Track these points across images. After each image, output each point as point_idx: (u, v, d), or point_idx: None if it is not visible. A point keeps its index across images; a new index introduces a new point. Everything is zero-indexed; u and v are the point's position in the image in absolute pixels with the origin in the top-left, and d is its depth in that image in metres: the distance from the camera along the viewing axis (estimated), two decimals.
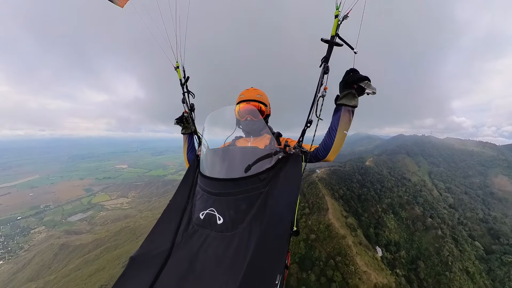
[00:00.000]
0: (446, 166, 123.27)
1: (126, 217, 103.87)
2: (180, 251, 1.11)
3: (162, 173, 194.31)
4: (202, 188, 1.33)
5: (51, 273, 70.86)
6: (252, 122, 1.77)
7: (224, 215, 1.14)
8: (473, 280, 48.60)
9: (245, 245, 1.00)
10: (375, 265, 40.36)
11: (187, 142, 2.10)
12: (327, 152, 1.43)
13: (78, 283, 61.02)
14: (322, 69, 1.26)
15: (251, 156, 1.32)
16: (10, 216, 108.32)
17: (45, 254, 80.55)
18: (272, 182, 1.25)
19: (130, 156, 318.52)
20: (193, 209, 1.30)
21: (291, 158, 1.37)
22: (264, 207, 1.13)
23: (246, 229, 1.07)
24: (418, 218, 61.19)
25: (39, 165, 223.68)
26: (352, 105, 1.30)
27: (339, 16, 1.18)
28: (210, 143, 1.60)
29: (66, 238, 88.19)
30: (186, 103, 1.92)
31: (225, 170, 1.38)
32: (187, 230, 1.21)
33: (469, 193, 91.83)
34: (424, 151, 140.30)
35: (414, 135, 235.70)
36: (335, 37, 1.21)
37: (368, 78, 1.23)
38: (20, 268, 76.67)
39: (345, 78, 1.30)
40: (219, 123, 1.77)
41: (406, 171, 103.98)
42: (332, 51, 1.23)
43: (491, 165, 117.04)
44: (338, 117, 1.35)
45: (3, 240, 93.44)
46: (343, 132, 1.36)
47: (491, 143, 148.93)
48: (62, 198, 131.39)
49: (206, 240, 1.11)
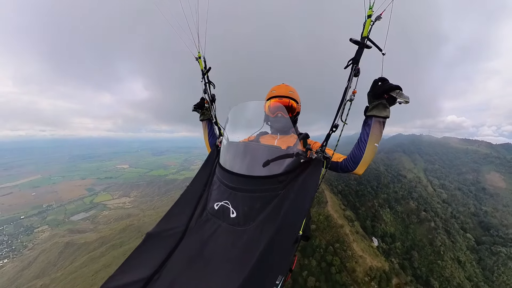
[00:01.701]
0: (441, 164, 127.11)
1: (129, 216, 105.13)
2: (192, 235, 1.17)
3: (163, 173, 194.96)
4: (220, 180, 1.38)
5: (57, 271, 71.76)
6: (283, 119, 1.75)
7: (237, 210, 1.18)
8: (464, 269, 51.73)
9: (255, 242, 1.03)
10: (370, 251, 43.24)
11: (206, 128, 2.13)
12: (356, 165, 1.37)
13: (85, 279, 62.00)
14: (352, 71, 1.19)
15: (273, 155, 1.32)
16: (13, 215, 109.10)
17: (50, 252, 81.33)
18: (290, 185, 1.25)
19: (131, 156, 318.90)
20: (209, 198, 1.36)
21: (312, 163, 1.35)
22: (278, 210, 1.14)
23: (257, 227, 1.10)
24: (413, 212, 64.29)
25: (40, 165, 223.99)
26: (384, 116, 1.24)
27: (372, 17, 1.09)
28: (231, 135, 1.63)
29: (71, 237, 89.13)
30: (207, 93, 1.95)
31: (244, 165, 1.39)
32: (201, 216, 1.27)
33: (462, 189, 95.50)
34: (421, 150, 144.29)
35: (412, 134, 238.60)
36: (366, 39, 1.13)
37: (400, 87, 1.15)
38: (26, 266, 77.39)
39: (374, 88, 1.23)
40: (244, 117, 1.76)
41: (402, 168, 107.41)
42: (362, 52, 1.16)
43: (484, 162, 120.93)
44: (369, 129, 1.29)
45: (7, 239, 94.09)
46: (373, 144, 1.30)
47: (486, 142, 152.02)
48: (64, 198, 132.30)
49: (217, 230, 1.15)
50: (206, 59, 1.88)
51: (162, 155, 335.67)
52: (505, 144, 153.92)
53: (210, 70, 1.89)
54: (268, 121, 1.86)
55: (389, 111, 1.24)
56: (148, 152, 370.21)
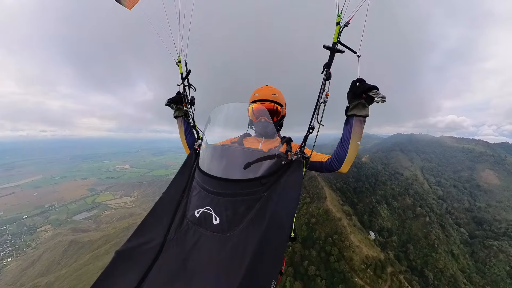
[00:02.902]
0: (437, 162, 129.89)
1: (131, 215, 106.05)
2: (172, 248, 1.06)
3: (164, 173, 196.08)
4: (200, 185, 1.30)
5: (61, 268, 72.38)
6: (266, 124, 1.69)
7: (221, 216, 1.11)
8: (458, 261, 54.09)
9: (242, 248, 0.97)
10: (366, 242, 45.57)
11: (182, 126, 1.98)
12: (340, 164, 1.41)
13: (90, 276, 62.83)
14: (324, 75, 1.26)
15: (253, 157, 1.29)
16: (16, 215, 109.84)
17: (54, 250, 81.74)
18: (273, 187, 1.22)
19: (131, 156, 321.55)
20: (188, 205, 1.27)
21: (292, 164, 1.35)
22: (263, 212, 1.11)
23: (242, 232, 1.04)
24: (409, 208, 66.61)
25: (41, 165, 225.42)
26: (363, 115, 1.29)
27: (341, 23, 1.18)
28: (211, 137, 1.58)
29: (74, 236, 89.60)
30: (185, 96, 1.89)
31: (225, 169, 1.34)
32: (180, 226, 1.16)
33: (457, 186, 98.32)
34: (418, 148, 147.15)
35: (411, 134, 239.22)
36: (336, 44, 1.21)
37: (377, 87, 1.22)
38: (30, 264, 77.81)
39: (352, 89, 1.29)
40: (225, 119, 1.65)
41: (400, 166, 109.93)
42: (334, 57, 1.23)
43: (479, 160, 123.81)
44: (350, 128, 1.33)
45: (10, 238, 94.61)
46: (356, 142, 1.35)
47: (483, 141, 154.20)
48: (66, 198, 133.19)
49: (200, 239, 1.07)
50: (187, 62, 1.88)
51: (162, 155, 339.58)
52: (503, 143, 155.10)
53: (190, 73, 1.90)
54: (252, 125, 1.83)
55: (368, 110, 1.30)
56: (149, 153, 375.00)
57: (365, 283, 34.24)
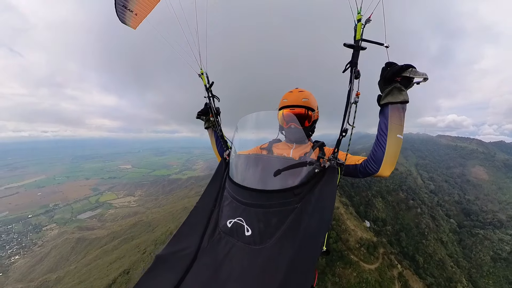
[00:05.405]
0: (431, 159, 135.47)
1: (136, 214, 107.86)
2: (205, 256, 1.07)
3: (166, 173, 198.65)
4: (231, 195, 1.28)
5: (70, 264, 74.00)
6: (296, 130, 1.63)
7: (253, 227, 1.07)
8: (446, 248, 58.91)
9: (274, 262, 0.94)
10: (361, 227, 49.90)
11: (213, 136, 2.03)
12: (378, 165, 1.23)
13: (100, 269, 64.41)
14: (352, 74, 1.15)
15: (284, 165, 1.23)
16: (21, 214, 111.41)
17: (62, 247, 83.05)
18: (306, 197, 1.16)
19: (133, 156, 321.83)
20: (220, 214, 1.25)
21: (326, 172, 1.26)
22: (297, 225, 1.05)
23: (276, 246, 1.00)
24: (402, 201, 71.37)
25: (44, 165, 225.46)
26: (401, 100, 1.12)
27: (362, 20, 1.12)
28: (240, 146, 1.58)
29: (81, 233, 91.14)
30: (211, 107, 1.93)
31: (256, 179, 1.31)
32: (213, 236, 1.15)
33: (449, 181, 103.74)
34: (414, 147, 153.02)
35: (409, 133, 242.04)
36: (360, 41, 1.13)
37: (412, 65, 1.05)
38: (38, 261, 79.21)
39: (383, 74, 1.15)
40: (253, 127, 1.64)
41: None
42: (359, 55, 1.15)
43: (470, 157, 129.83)
44: (386, 119, 1.17)
45: (16, 236, 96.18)
46: (395, 136, 1.17)
47: (477, 139, 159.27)
48: (70, 197, 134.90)
49: (232, 249, 1.05)
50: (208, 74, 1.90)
51: (164, 155, 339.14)
52: (499, 142, 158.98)
53: (213, 85, 1.91)
54: (282, 131, 1.79)
55: (406, 94, 1.13)
56: (150, 153, 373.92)
57: (359, 259, 38.98)
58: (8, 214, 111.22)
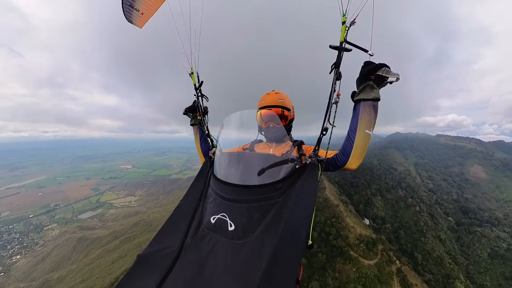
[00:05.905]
0: (430, 158, 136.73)
1: (137, 213, 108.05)
2: (188, 253, 1.08)
3: (167, 173, 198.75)
4: (215, 192, 1.32)
5: (72, 263, 74.12)
6: (275, 129, 1.70)
7: (236, 222, 1.10)
8: (444, 245, 59.87)
9: (257, 255, 0.96)
10: (360, 224, 51.24)
11: (198, 133, 2.07)
12: (347, 158, 1.29)
13: (102, 268, 64.50)
14: (334, 75, 1.21)
15: (267, 163, 1.28)
16: (22, 214, 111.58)
17: (64, 247, 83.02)
18: (287, 192, 1.20)
19: (133, 156, 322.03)
20: (205, 211, 1.29)
21: (307, 167, 1.32)
22: (278, 218, 1.09)
23: (258, 239, 1.03)
24: (401, 199, 72.42)
25: (45, 166, 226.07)
26: (372, 98, 1.16)
27: (347, 23, 1.16)
28: (224, 145, 1.62)
29: (82, 233, 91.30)
30: (199, 106, 1.97)
31: (239, 175, 1.35)
32: (196, 233, 1.18)
33: (447, 180, 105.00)
34: (413, 146, 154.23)
35: (409, 133, 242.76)
36: (344, 43, 1.17)
37: (386, 64, 1.10)
38: (39, 260, 79.16)
39: (360, 72, 1.19)
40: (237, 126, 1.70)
41: (394, 162, 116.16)
42: (342, 57, 1.19)
43: (469, 156, 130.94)
44: (357, 115, 1.22)
45: (18, 236, 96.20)
46: (364, 132, 1.21)
47: (476, 139, 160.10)
48: (70, 197, 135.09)
49: (216, 245, 1.07)
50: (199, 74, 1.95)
51: (164, 155, 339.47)
52: (498, 141, 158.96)
53: (202, 84, 1.97)
54: (262, 131, 1.84)
55: (378, 92, 1.18)
56: (150, 153, 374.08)
57: (358, 255, 40.15)
58: (9, 214, 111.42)
